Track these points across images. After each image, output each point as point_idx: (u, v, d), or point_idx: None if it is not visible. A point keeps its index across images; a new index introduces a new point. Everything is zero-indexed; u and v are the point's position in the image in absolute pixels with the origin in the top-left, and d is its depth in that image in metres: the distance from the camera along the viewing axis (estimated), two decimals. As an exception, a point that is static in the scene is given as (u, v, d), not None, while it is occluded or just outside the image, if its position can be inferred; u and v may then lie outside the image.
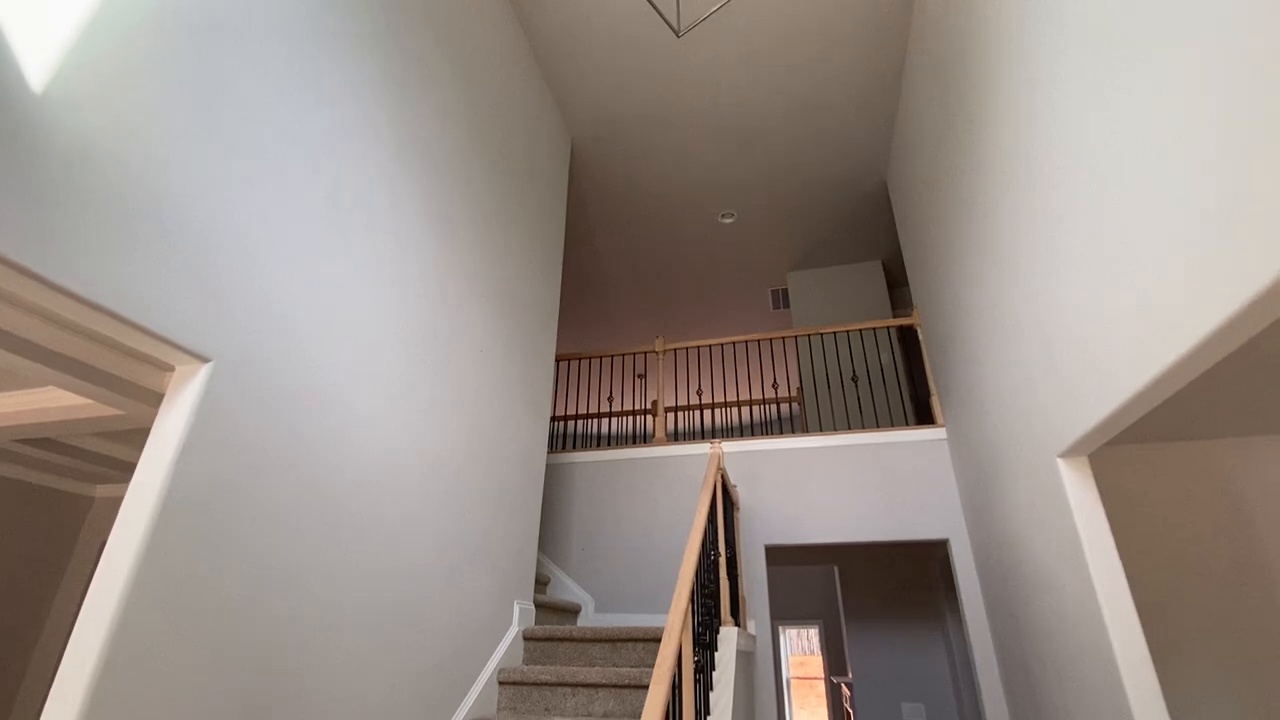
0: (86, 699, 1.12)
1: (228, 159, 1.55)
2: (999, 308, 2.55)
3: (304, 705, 1.60)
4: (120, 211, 1.28)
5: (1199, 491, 2.75)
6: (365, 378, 1.98)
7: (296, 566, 1.62)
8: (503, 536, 2.76)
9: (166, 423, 1.38)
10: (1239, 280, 1.20)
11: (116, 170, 1.28)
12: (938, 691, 4.07)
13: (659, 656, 1.48)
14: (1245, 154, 1.16)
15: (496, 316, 2.91)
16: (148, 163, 1.35)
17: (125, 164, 1.30)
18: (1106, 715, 1.97)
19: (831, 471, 3.71)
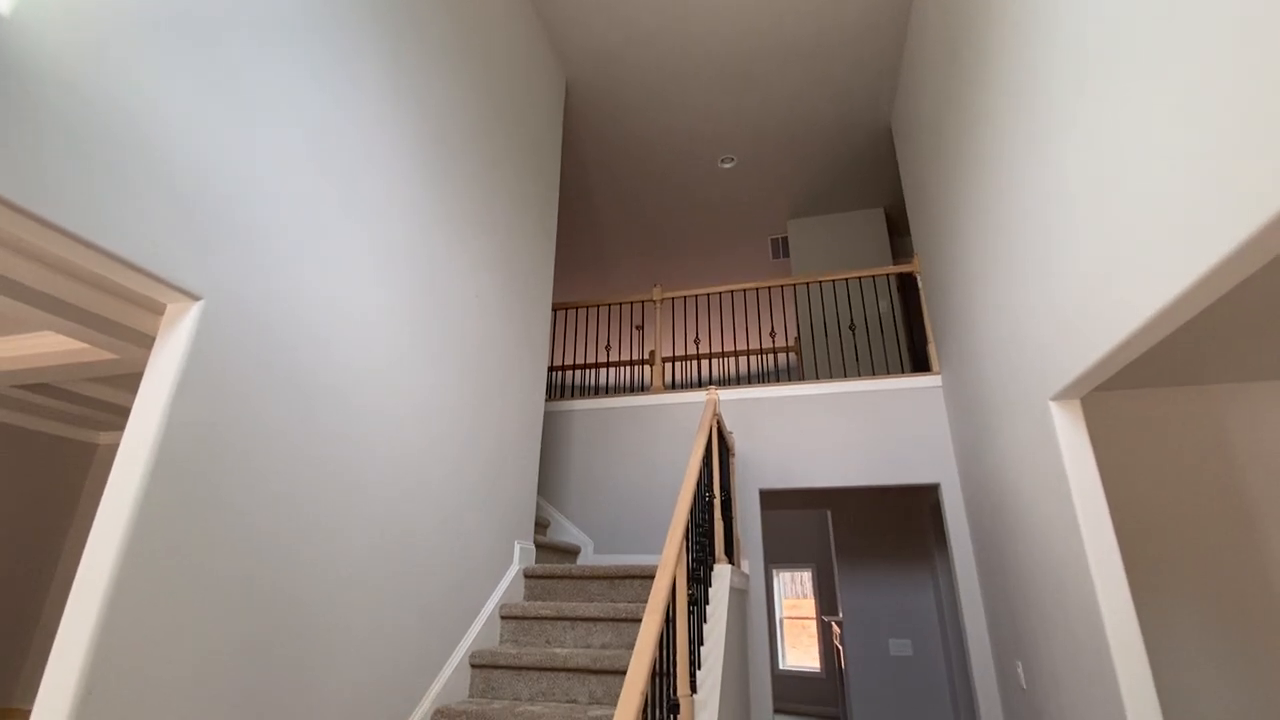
0: (92, 639, 1.16)
1: (216, 98, 1.50)
2: (1000, 249, 2.53)
3: (310, 638, 1.66)
4: (108, 148, 1.25)
5: (1189, 437, 2.79)
6: (358, 319, 1.97)
7: (298, 505, 1.66)
8: (502, 479, 2.81)
9: (160, 362, 1.38)
10: (1236, 219, 1.19)
11: (104, 106, 1.24)
12: (924, 628, 4.23)
13: (654, 587, 1.53)
14: (1243, 93, 1.13)
15: (491, 262, 2.88)
16: (136, 100, 1.31)
17: (112, 101, 1.26)
18: (1086, 650, 2.06)
19: (827, 418, 3.75)
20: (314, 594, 1.68)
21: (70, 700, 1.11)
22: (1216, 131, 1.23)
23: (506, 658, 2.31)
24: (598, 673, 2.22)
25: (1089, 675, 2.04)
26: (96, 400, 2.92)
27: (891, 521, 4.54)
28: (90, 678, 1.14)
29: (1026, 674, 2.64)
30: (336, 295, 1.87)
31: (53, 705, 1.12)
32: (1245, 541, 2.60)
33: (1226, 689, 2.45)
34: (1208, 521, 2.65)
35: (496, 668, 2.32)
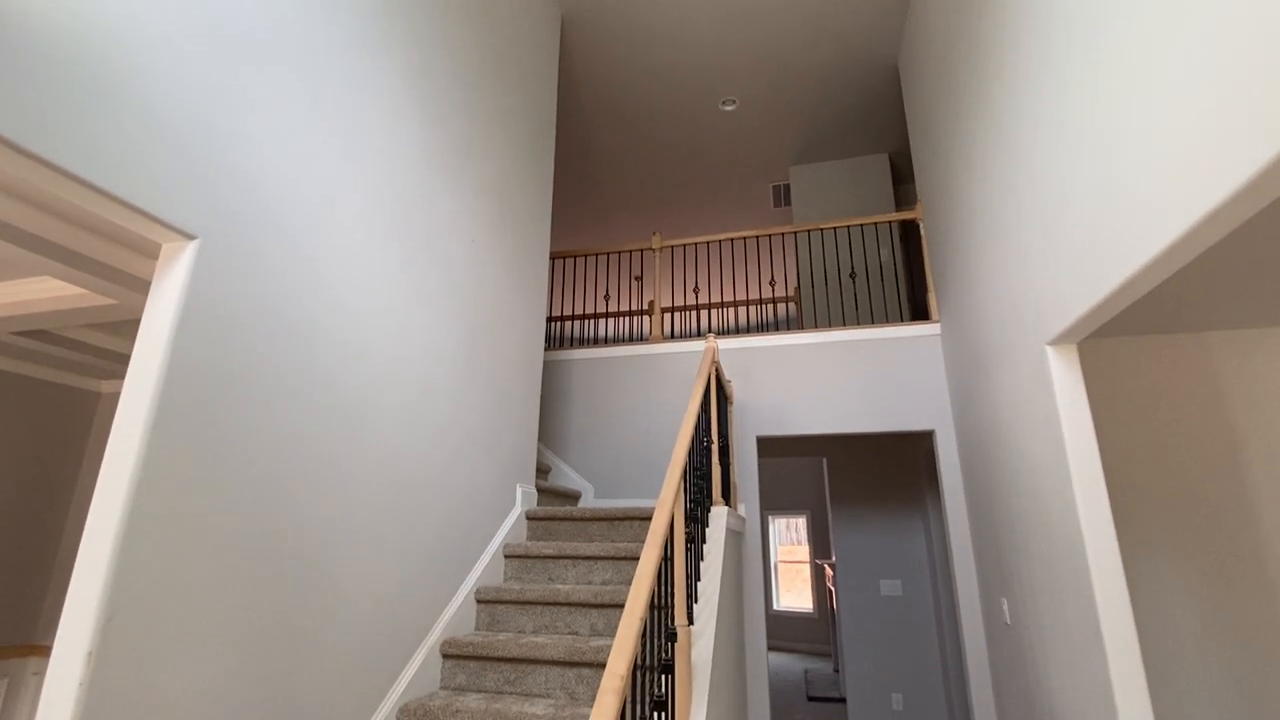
0: (109, 569, 1.20)
1: (208, 36, 1.45)
2: (1005, 193, 2.49)
3: (320, 572, 1.72)
4: (101, 86, 1.21)
5: (1180, 382, 2.82)
6: (354, 260, 1.96)
7: (303, 445, 1.69)
8: (502, 423, 2.85)
9: (158, 302, 1.38)
10: (1237, 161, 1.19)
11: (98, 44, 1.20)
12: (914, 570, 4.37)
13: (653, 522, 1.58)
14: (1248, 37, 1.09)
15: (487, 207, 2.84)
16: (129, 38, 1.27)
17: (106, 39, 1.22)
18: (1068, 585, 2.13)
19: (825, 367, 3.77)
20: (321, 532, 1.73)
21: (91, 626, 1.16)
22: (1220, 74, 1.20)
23: (511, 593, 2.39)
24: (599, 606, 2.30)
25: (1071, 609, 2.13)
26: (97, 348, 2.93)
27: (886, 468, 4.62)
28: (109, 605, 1.19)
29: (1010, 610, 2.75)
30: (332, 236, 1.86)
31: (75, 633, 1.16)
32: (1230, 485, 2.66)
33: (1202, 620, 2.55)
34: (1195, 464, 2.71)
35: (501, 603, 2.41)
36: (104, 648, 1.17)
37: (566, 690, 2.05)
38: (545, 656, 2.07)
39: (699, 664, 1.82)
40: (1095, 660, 1.97)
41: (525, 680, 2.09)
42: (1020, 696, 2.69)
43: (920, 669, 4.21)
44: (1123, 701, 1.85)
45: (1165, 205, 1.44)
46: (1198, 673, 2.52)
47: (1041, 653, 2.42)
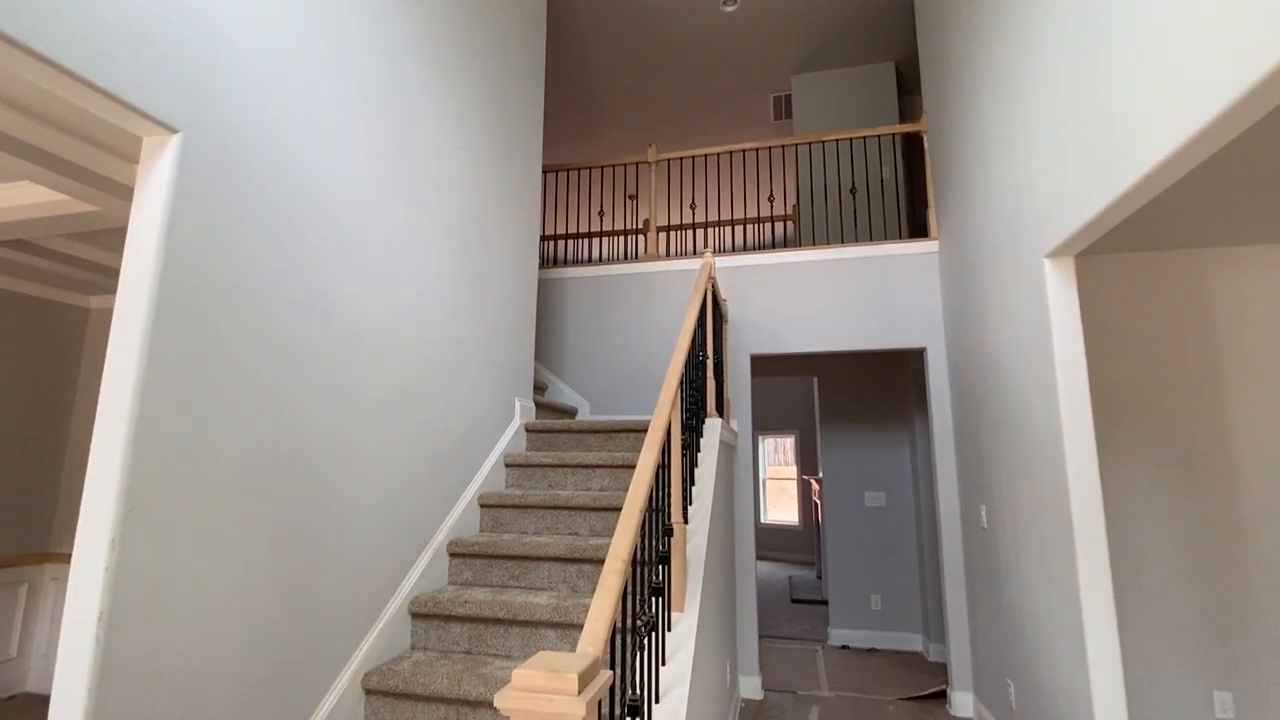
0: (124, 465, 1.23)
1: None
2: (1012, 101, 2.41)
3: (328, 477, 1.77)
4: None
5: (1172, 299, 2.84)
6: (341, 162, 1.90)
7: (302, 351, 1.69)
8: (499, 336, 2.86)
9: (144, 202, 1.34)
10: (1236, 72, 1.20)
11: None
12: (898, 481, 4.56)
13: (651, 425, 1.62)
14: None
15: (475, 113, 2.73)
16: None
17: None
18: (1046, 488, 2.23)
19: (821, 285, 3.76)
20: (327, 438, 1.77)
21: (111, 517, 1.20)
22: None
23: (513, 498, 2.49)
24: (597, 510, 2.40)
25: (1046, 512, 2.24)
26: (82, 260, 2.87)
27: (876, 386, 4.72)
28: (128, 500, 1.23)
29: (988, 516, 2.89)
30: (319, 136, 1.79)
31: (96, 524, 1.21)
32: (1207, 398, 2.74)
33: (1169, 523, 2.70)
34: (1176, 377, 2.78)
35: (504, 506, 2.50)
36: (126, 537, 1.22)
37: (568, 584, 2.17)
38: (547, 554, 2.17)
39: (693, 558, 1.92)
40: (1065, 558, 2.09)
41: (529, 575, 2.21)
42: (991, 594, 2.88)
43: (899, 573, 4.47)
44: (1087, 595, 1.98)
45: (1168, 114, 1.42)
46: (1160, 569, 2.69)
47: (1015, 553, 2.56)
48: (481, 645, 1.99)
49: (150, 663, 1.26)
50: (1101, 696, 1.92)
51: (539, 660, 0.91)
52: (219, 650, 1.42)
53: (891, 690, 3.59)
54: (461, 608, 2.00)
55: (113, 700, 1.19)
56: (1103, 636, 1.94)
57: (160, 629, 1.28)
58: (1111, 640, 1.94)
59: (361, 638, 1.88)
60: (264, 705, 1.53)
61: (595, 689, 0.88)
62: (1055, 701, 2.20)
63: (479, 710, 1.74)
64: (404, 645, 2.04)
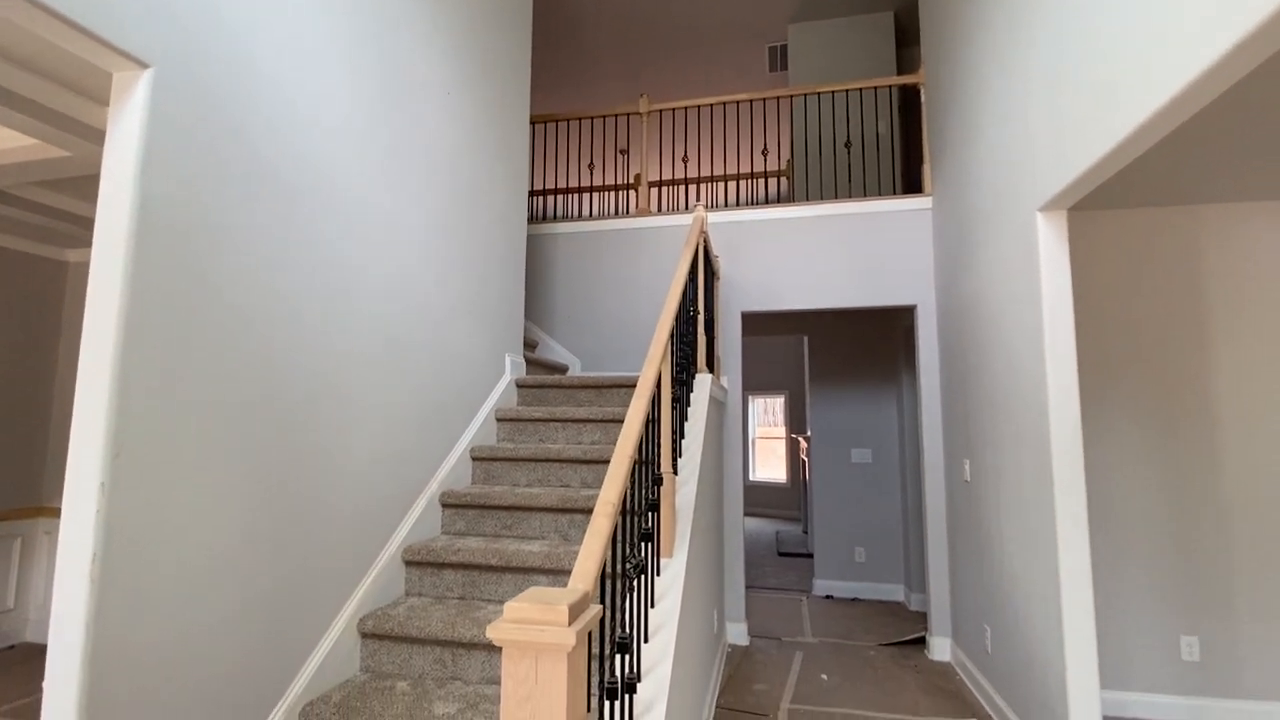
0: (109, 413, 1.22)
1: None
2: (1011, 51, 2.35)
3: (318, 427, 1.77)
4: None
5: (1164, 255, 2.85)
6: (320, 103, 1.84)
7: (288, 298, 1.67)
8: (488, 289, 2.83)
9: (117, 141, 1.29)
10: (1229, 23, 1.20)
11: None
12: (885, 438, 4.63)
13: (642, 376, 1.63)
14: None
15: (462, 56, 2.64)
16: None
17: None
18: (1028, 441, 2.28)
19: (813, 241, 3.74)
20: (315, 389, 1.76)
21: (99, 462, 1.20)
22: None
23: (504, 451, 2.51)
24: (588, 462, 2.43)
25: (1027, 462, 2.29)
26: (58, 210, 2.79)
27: (865, 345, 4.74)
28: (115, 443, 1.22)
29: (971, 469, 2.95)
30: (300, 76, 1.72)
31: (85, 468, 1.20)
32: (1192, 352, 2.78)
33: (1148, 473, 2.77)
34: (1162, 331, 2.81)
35: (496, 459, 2.52)
36: (115, 480, 1.22)
37: (560, 533, 2.21)
38: (539, 504, 2.20)
39: (682, 507, 1.96)
40: (1044, 508, 2.15)
41: (521, 525, 2.25)
42: (971, 544, 2.96)
43: (883, 526, 4.59)
44: (1064, 543, 2.04)
45: (1161, 66, 1.41)
46: (1137, 520, 2.77)
47: (995, 504, 2.63)
48: (475, 591, 2.04)
49: (145, 602, 1.28)
50: (1073, 638, 2.00)
51: (531, 594, 0.93)
52: (214, 589, 1.44)
53: (873, 636, 3.72)
54: (455, 555, 2.03)
55: (109, 638, 1.21)
56: (1076, 581, 2.01)
57: (154, 570, 1.30)
58: (1084, 584, 2.01)
59: (356, 584, 1.91)
60: (260, 645, 1.57)
61: (585, 620, 0.90)
62: (1028, 644, 2.30)
63: (473, 651, 1.79)
64: (398, 592, 2.08)
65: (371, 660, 1.86)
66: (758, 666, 3.25)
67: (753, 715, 2.68)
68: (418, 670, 1.82)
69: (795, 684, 3.03)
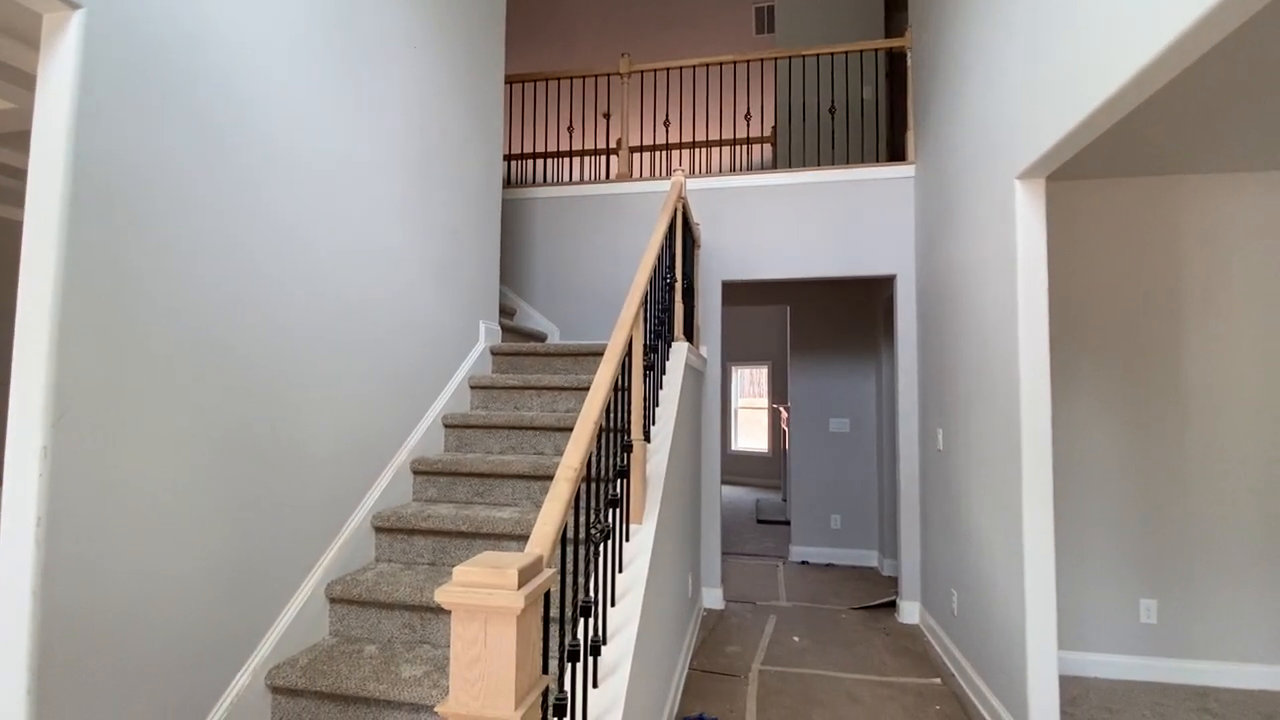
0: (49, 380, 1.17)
1: None
2: (993, 17, 2.30)
3: (275, 393, 1.73)
4: None
5: (1141, 225, 2.85)
6: (269, 48, 1.75)
7: (241, 255, 1.61)
8: (461, 253, 2.77)
9: (48, 86, 1.22)
10: None
11: None
12: (862, 408, 4.67)
13: (611, 341, 1.60)
14: None
15: (428, 7, 2.53)
16: None
17: None
18: (999, 411, 2.29)
19: (795, 209, 3.69)
20: (275, 348, 1.72)
21: (40, 424, 1.16)
22: None
23: (477, 418, 2.48)
24: (562, 430, 2.41)
25: (998, 429, 2.31)
26: (6, 166, 2.67)
27: (846, 315, 4.74)
28: (58, 405, 1.18)
29: (944, 438, 2.98)
30: (246, 20, 1.63)
31: (25, 430, 1.16)
32: (1164, 323, 2.81)
33: (1114, 446, 2.82)
34: (1135, 302, 2.83)
35: (469, 427, 2.50)
36: (58, 443, 1.18)
37: (532, 499, 2.21)
38: (512, 471, 2.19)
39: (654, 475, 1.95)
40: (1011, 474, 2.17)
41: (493, 492, 2.24)
42: (942, 511, 3.01)
43: (859, 494, 4.65)
44: (1029, 508, 2.07)
45: (1135, 32, 1.37)
46: (1103, 486, 2.83)
47: (966, 471, 2.66)
48: (445, 557, 2.03)
49: (97, 564, 1.25)
50: (1034, 600, 2.04)
51: (483, 558, 0.91)
52: (172, 551, 1.41)
53: (845, 600, 3.81)
54: (425, 522, 2.02)
55: (59, 604, 1.19)
56: (1039, 545, 2.05)
57: (106, 532, 1.27)
58: (1047, 549, 2.05)
59: (324, 550, 1.90)
60: (223, 609, 1.55)
61: (537, 584, 0.89)
62: (992, 606, 2.35)
63: (442, 615, 1.79)
64: (368, 558, 2.07)
65: (340, 625, 1.86)
66: (732, 630, 3.31)
67: (725, 676, 2.74)
68: (386, 634, 1.82)
69: (768, 646, 3.09)
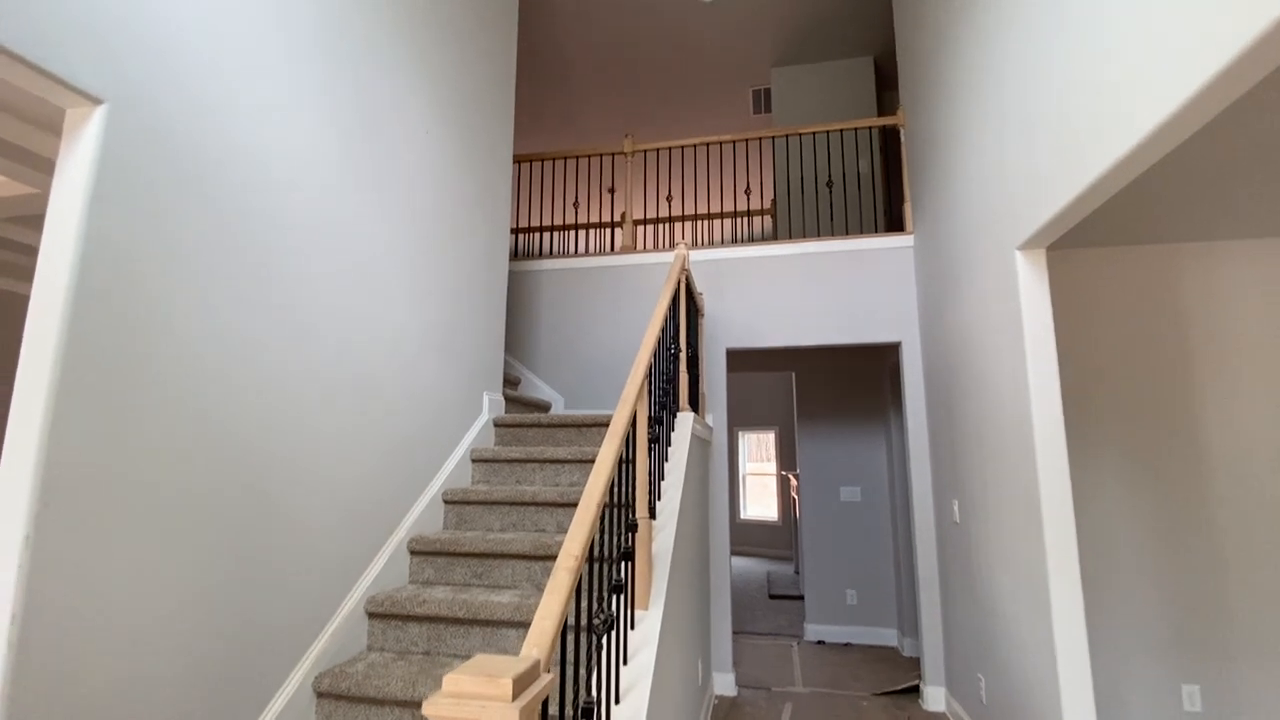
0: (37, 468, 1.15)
1: None
2: (986, 93, 2.39)
3: (273, 475, 1.69)
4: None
5: (1144, 293, 2.85)
6: (286, 143, 1.81)
7: (245, 340, 1.61)
8: (465, 329, 2.78)
9: (66, 175, 1.25)
10: (1198, 63, 1.21)
11: None
12: (874, 477, 4.56)
13: (614, 417, 1.57)
14: None
15: (444, 96, 2.64)
16: None
17: None
18: (1018, 485, 2.22)
19: (797, 279, 3.73)
20: (272, 427, 1.69)
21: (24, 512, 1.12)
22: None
23: (478, 494, 2.42)
24: (565, 505, 2.34)
25: (1017, 504, 2.22)
26: (22, 245, 2.74)
27: (852, 381, 4.71)
28: (43, 494, 1.14)
29: (961, 510, 2.88)
30: (270, 111, 1.70)
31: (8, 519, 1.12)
32: (1178, 392, 2.76)
33: (1137, 516, 2.71)
34: (1147, 371, 2.79)
35: (469, 503, 2.43)
36: (41, 532, 1.14)
37: (532, 581, 2.12)
38: (512, 551, 2.11)
39: (660, 554, 1.87)
40: (1034, 552, 2.08)
41: (492, 574, 2.15)
42: (964, 588, 2.87)
43: (874, 568, 4.47)
44: (1056, 588, 1.97)
45: (1135, 105, 1.42)
46: (1130, 563, 2.70)
47: (986, 547, 2.55)
48: (441, 646, 1.93)
49: (72, 666, 1.18)
50: (1069, 689, 1.90)
51: (475, 664, 0.85)
52: (151, 650, 1.34)
53: (865, 685, 3.58)
54: (420, 607, 1.93)
55: (29, 705, 1.11)
56: (1071, 630, 1.93)
57: (83, 631, 1.20)
58: (1079, 633, 1.92)
59: (313, 639, 1.80)
60: (204, 709, 1.45)
61: (533, 694, 0.82)
62: (1024, 695, 2.20)
63: (435, 713, 1.67)
64: (360, 646, 1.96)
65: (327, 722, 1.74)
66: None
67: (739, 774, 2.54)
68: (376, 734, 1.70)
69: (784, 739, 2.88)
